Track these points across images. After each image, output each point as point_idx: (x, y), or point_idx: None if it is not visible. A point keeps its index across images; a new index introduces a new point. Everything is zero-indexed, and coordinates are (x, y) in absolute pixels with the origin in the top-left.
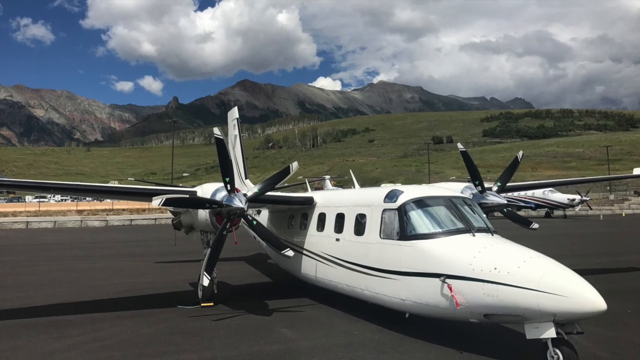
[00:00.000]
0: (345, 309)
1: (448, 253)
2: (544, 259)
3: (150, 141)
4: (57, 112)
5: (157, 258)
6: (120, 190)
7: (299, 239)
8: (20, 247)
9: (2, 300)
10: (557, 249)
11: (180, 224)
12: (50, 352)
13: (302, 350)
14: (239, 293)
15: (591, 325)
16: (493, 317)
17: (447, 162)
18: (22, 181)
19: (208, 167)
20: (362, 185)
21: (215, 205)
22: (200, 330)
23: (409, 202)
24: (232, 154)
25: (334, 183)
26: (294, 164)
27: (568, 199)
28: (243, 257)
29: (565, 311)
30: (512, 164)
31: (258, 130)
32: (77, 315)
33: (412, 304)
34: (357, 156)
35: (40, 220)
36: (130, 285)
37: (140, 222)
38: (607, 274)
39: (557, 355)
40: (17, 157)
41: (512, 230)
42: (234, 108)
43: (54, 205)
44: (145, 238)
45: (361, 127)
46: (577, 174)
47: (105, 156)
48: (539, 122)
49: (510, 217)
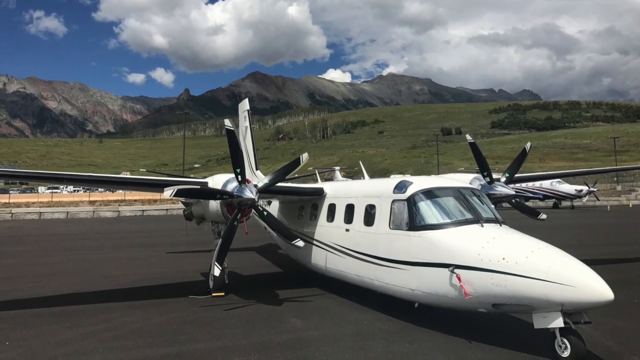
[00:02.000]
0: (354, 298)
1: (457, 243)
2: (551, 249)
3: (161, 133)
4: (69, 104)
5: (169, 248)
6: (132, 181)
7: (309, 229)
8: (33, 237)
9: (15, 290)
10: (564, 239)
11: (192, 215)
12: (63, 341)
13: (312, 339)
14: (249, 283)
15: (598, 314)
16: (501, 307)
17: (456, 154)
18: (36, 172)
19: (219, 158)
20: (372, 176)
21: (226, 196)
22: (211, 319)
23: (418, 193)
24: (242, 145)
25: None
26: (304, 155)
27: (576, 189)
28: (254, 248)
29: (573, 301)
30: (520, 155)
31: (268, 122)
32: (90, 305)
33: (421, 294)
34: (366, 147)
35: (53, 211)
36: (142, 275)
37: (152, 212)
38: (614, 264)
39: (564, 344)
40: (31, 149)
41: (520, 220)
42: (245, 100)
43: (67, 196)
44: (157, 228)
45: (371, 118)
46: (584, 165)
47: (117, 147)
48: (546, 114)
49: (518, 208)
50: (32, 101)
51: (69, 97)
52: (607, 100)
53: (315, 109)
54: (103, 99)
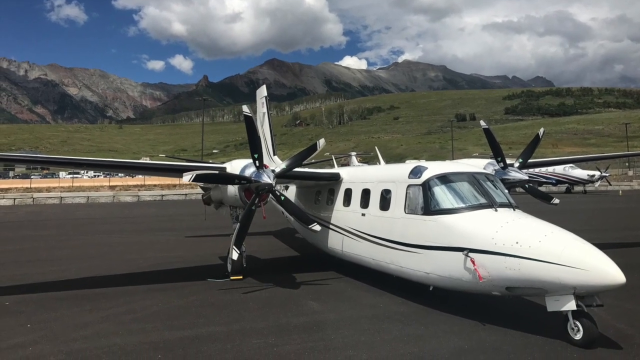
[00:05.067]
0: (370, 282)
1: (471, 227)
2: (564, 233)
3: (180, 119)
4: (90, 91)
5: (188, 232)
6: (152, 166)
7: (326, 213)
8: (54, 221)
9: (36, 273)
10: (577, 223)
11: (210, 199)
12: (83, 323)
13: (328, 322)
14: (267, 266)
15: (610, 298)
16: (515, 290)
17: (470, 139)
18: (57, 158)
19: (237, 143)
20: (387, 161)
21: (244, 181)
22: (229, 302)
23: (433, 178)
24: (260, 131)
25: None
26: (320, 140)
27: (588, 175)
28: (271, 232)
29: (585, 284)
30: (533, 141)
31: (286, 108)
32: (110, 288)
33: (436, 277)
34: (382, 133)
35: (74, 196)
36: (161, 259)
37: (171, 197)
38: (626, 248)
39: (577, 327)
40: (52, 134)
41: (534, 205)
42: (263, 86)
43: (87, 181)
44: (176, 213)
45: (386, 105)
46: (596, 150)
47: (137, 133)
48: (559, 100)
49: (531, 193)
50: (53, 88)
51: (90, 84)
52: (619, 87)
53: (331, 95)
54: (123, 85)
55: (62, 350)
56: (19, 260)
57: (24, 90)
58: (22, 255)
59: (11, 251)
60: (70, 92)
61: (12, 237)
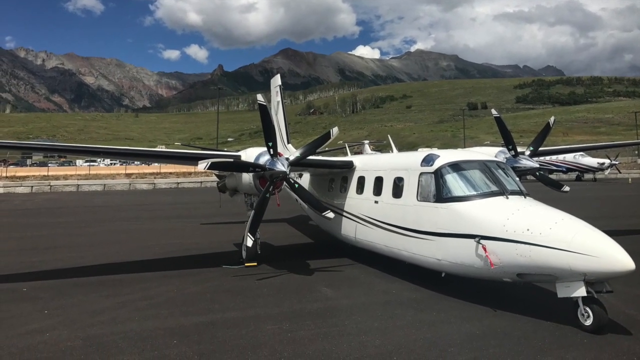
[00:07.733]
0: (383, 268)
1: (482, 215)
2: (574, 220)
3: (196, 107)
4: (106, 80)
5: (203, 220)
6: (168, 154)
7: (339, 201)
8: (71, 209)
9: (54, 259)
10: (587, 211)
11: (225, 187)
12: (100, 309)
13: (342, 308)
14: (281, 253)
15: (620, 284)
16: (526, 277)
17: (482, 128)
18: (74, 146)
19: (252, 132)
20: (400, 149)
21: (258, 168)
22: (244, 289)
23: (445, 166)
24: (274, 119)
25: (372, 147)
26: (334, 129)
27: (598, 162)
28: (285, 219)
29: (596, 271)
30: (544, 129)
31: (300, 97)
32: (126, 275)
33: (447, 264)
34: (395, 122)
35: (91, 183)
36: (177, 246)
37: (186, 185)
38: (635, 235)
39: (587, 313)
40: (69, 123)
41: (544, 193)
42: (277, 75)
43: (104, 168)
44: (192, 200)
45: (399, 93)
46: (606, 138)
47: (153, 122)
48: (570, 89)
49: (542, 181)
50: (70, 77)
51: (106, 73)
52: (629, 76)
53: (345, 84)
54: (139, 74)
55: (79, 335)
56: (37, 247)
57: (42, 80)
58: (40, 241)
59: (29, 238)
60: (87, 81)
61: (31, 224)
